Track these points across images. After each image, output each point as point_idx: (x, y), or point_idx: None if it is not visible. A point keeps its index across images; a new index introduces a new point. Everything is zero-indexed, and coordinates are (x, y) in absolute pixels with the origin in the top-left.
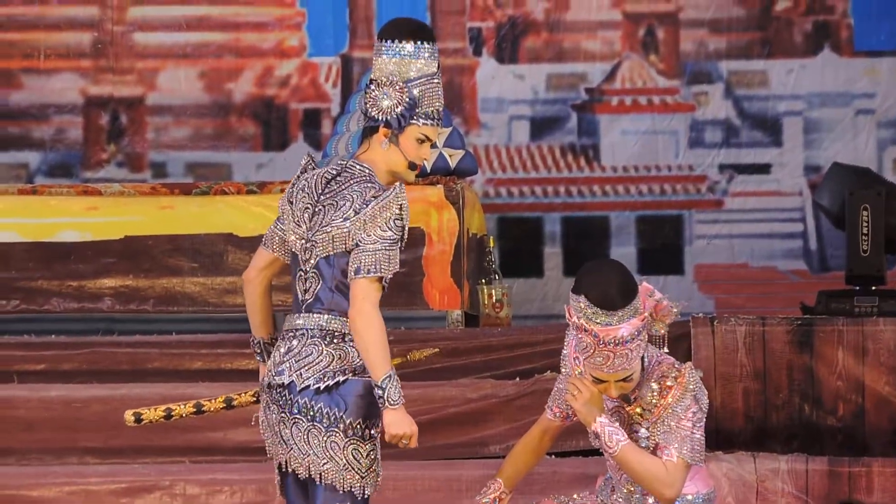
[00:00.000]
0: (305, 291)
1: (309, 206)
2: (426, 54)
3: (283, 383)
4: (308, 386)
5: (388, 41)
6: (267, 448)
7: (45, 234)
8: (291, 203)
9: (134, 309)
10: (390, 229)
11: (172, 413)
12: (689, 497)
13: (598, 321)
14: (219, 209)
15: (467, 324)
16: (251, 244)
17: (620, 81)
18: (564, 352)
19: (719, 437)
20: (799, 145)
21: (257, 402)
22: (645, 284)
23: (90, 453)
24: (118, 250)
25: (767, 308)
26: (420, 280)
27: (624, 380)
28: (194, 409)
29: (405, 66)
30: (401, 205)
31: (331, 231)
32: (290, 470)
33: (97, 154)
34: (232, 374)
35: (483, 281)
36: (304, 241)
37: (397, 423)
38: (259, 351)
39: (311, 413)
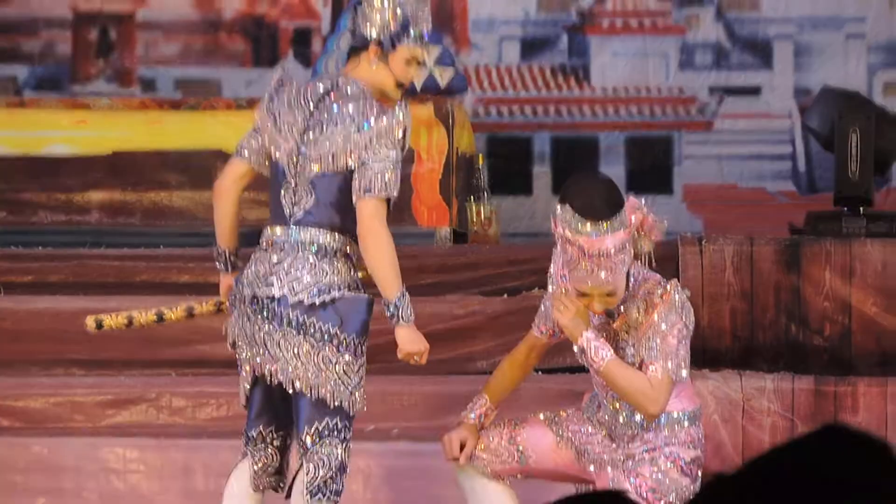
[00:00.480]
0: (294, 205)
1: (299, 120)
2: None
3: (272, 296)
4: (301, 300)
5: None
6: (239, 357)
7: (33, 148)
8: (275, 116)
9: (122, 222)
10: (395, 149)
11: (133, 320)
12: (675, 414)
13: (583, 231)
14: (208, 125)
15: (456, 241)
16: None
17: (611, 3)
18: (551, 270)
19: (706, 356)
20: (789, 68)
21: (219, 311)
22: (632, 199)
23: (76, 365)
24: (106, 164)
25: (756, 228)
26: (409, 197)
27: (608, 294)
28: (155, 318)
29: None
30: (405, 125)
31: (330, 147)
32: (273, 381)
33: (86, 69)
34: (217, 284)
35: (472, 199)
36: (294, 155)
37: (411, 340)
38: (223, 261)
39: (304, 327)
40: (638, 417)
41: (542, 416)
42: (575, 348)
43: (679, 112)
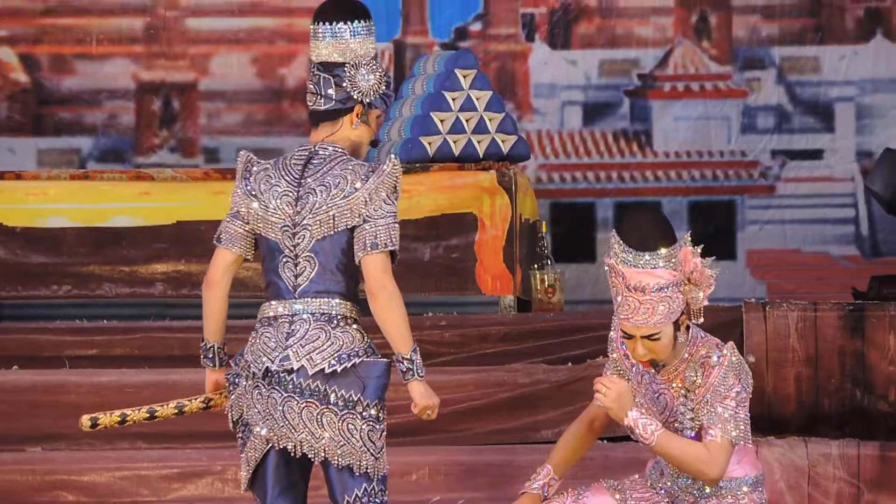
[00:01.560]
0: (297, 276)
1: (288, 192)
2: (373, 33)
3: (291, 368)
4: (322, 370)
5: (341, 22)
6: (244, 437)
7: (97, 220)
8: (257, 196)
9: (186, 294)
10: (392, 203)
11: (127, 418)
12: (736, 480)
13: (626, 261)
14: None
15: (520, 309)
16: None
17: (673, 67)
18: (611, 335)
19: (771, 423)
20: (851, 131)
21: (207, 408)
22: (690, 247)
23: (142, 438)
24: (170, 235)
25: (819, 293)
26: (472, 265)
27: (650, 338)
28: (147, 415)
29: (367, 45)
30: (397, 178)
31: (330, 211)
32: (296, 454)
33: (149, 139)
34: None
35: (535, 266)
36: (289, 228)
37: (425, 394)
38: (212, 357)
39: (326, 396)
40: (699, 483)
41: (605, 484)
42: (624, 427)
43: (742, 176)
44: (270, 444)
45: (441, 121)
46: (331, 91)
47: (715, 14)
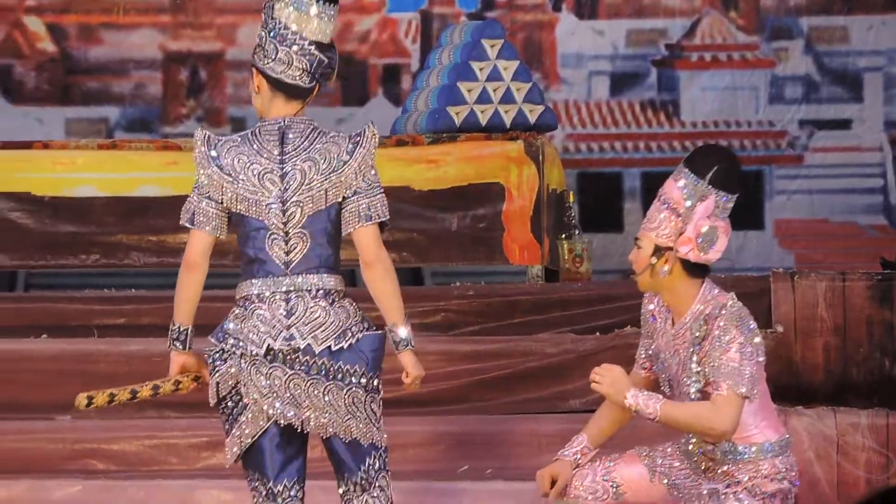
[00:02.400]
0: (288, 252)
1: (270, 169)
2: None
3: (297, 347)
4: (329, 347)
5: (333, 4)
6: (236, 413)
7: (124, 189)
8: (233, 175)
9: (213, 263)
10: (377, 172)
11: (114, 398)
12: (756, 447)
13: (676, 170)
14: None
15: (547, 279)
16: None
17: (700, 37)
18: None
19: (800, 392)
20: (879, 101)
21: (176, 390)
22: (715, 204)
23: (170, 407)
24: None
25: (847, 263)
26: (500, 235)
27: (636, 242)
28: (130, 395)
29: (330, 26)
30: (376, 145)
31: (323, 186)
32: (303, 430)
33: (176, 109)
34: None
35: (563, 236)
36: (277, 205)
37: (416, 363)
38: (184, 339)
39: (331, 372)
40: (719, 450)
41: (636, 452)
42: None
43: (769, 146)
44: (271, 421)
45: (468, 91)
46: (319, 72)
47: None
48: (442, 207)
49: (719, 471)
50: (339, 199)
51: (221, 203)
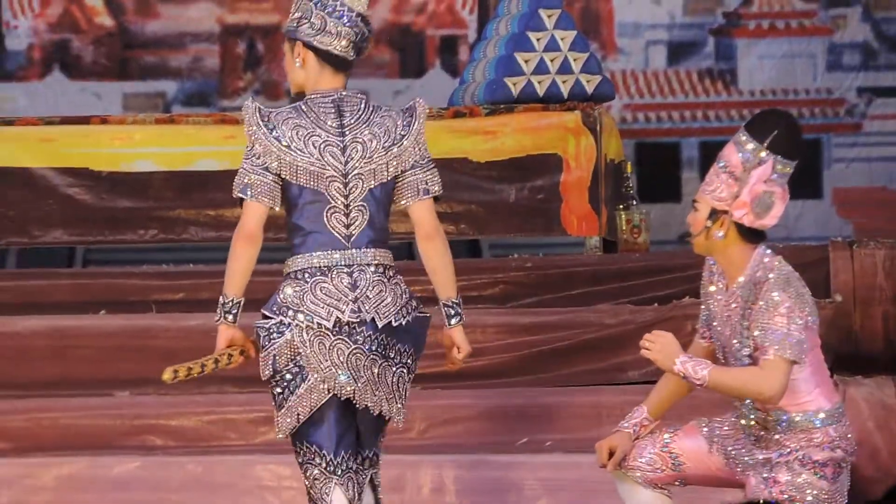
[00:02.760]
0: (349, 226)
1: (331, 142)
2: None
3: (363, 320)
4: (389, 323)
5: None
6: (296, 383)
7: (182, 163)
8: (291, 147)
9: (272, 237)
10: (426, 144)
11: (191, 371)
12: (807, 415)
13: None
14: None
15: (605, 249)
16: None
17: (757, 5)
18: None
19: (858, 361)
20: None
21: (228, 364)
22: (772, 169)
23: (229, 382)
24: None
25: None
26: (558, 206)
27: (694, 203)
28: (213, 365)
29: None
30: (425, 119)
31: (383, 160)
32: (360, 404)
33: (234, 82)
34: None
35: (621, 206)
36: (338, 178)
37: (466, 339)
38: (235, 313)
39: (386, 349)
40: (770, 419)
41: (696, 423)
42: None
43: (827, 114)
44: (330, 394)
45: (525, 61)
46: (362, 44)
47: None
48: (500, 179)
49: (772, 440)
50: (398, 173)
51: (278, 175)
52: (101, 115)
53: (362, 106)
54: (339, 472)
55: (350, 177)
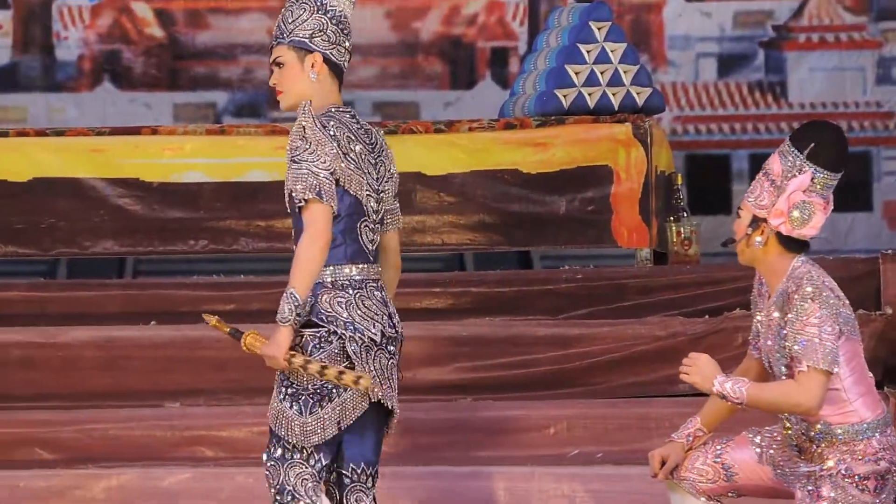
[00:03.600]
0: (372, 241)
1: (368, 156)
2: None
3: (399, 331)
4: (403, 334)
5: None
6: (371, 391)
7: (233, 174)
8: (348, 155)
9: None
10: None
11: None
12: (852, 424)
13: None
14: (407, 148)
15: (656, 261)
16: (439, 183)
17: (808, 18)
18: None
19: None
20: None
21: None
22: (811, 180)
23: None
24: None
25: None
26: (608, 218)
27: (738, 210)
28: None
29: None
30: None
31: (395, 179)
32: (392, 409)
33: None
34: (421, 312)
35: (671, 218)
36: (373, 192)
37: None
38: (300, 314)
39: (399, 360)
40: (813, 431)
41: (747, 434)
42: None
43: (877, 127)
44: (370, 404)
45: (576, 73)
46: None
47: None
48: (550, 190)
49: (816, 452)
50: (391, 197)
51: (338, 180)
52: (152, 126)
53: (365, 124)
54: (367, 480)
55: (380, 192)
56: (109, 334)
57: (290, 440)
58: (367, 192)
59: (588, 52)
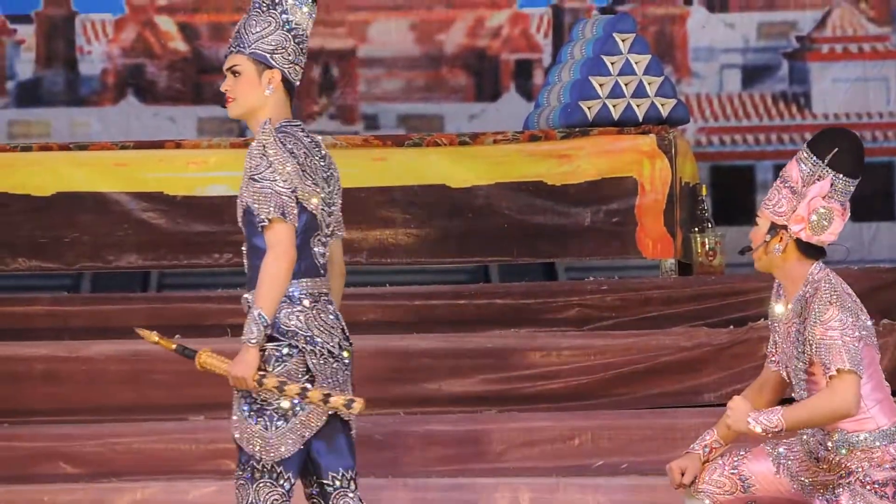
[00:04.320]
0: (323, 255)
1: (321, 171)
2: None
3: (351, 343)
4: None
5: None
6: (316, 411)
7: None
8: (307, 171)
9: (347, 261)
10: None
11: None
12: (869, 433)
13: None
14: (431, 161)
15: (680, 272)
16: (464, 196)
17: (831, 29)
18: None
19: None
20: None
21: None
22: (831, 187)
23: None
24: None
25: None
26: (633, 229)
27: (756, 218)
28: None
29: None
30: None
31: (340, 188)
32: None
33: (309, 107)
34: (445, 325)
35: (696, 229)
36: (326, 207)
37: None
38: (267, 333)
39: (351, 371)
40: (831, 440)
41: (764, 445)
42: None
43: None
44: (329, 416)
45: (600, 85)
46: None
47: None
48: (575, 202)
49: (834, 461)
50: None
51: (297, 199)
52: (176, 140)
53: (314, 137)
54: (331, 491)
55: (332, 206)
56: (133, 348)
57: (258, 457)
58: (322, 208)
59: (612, 63)
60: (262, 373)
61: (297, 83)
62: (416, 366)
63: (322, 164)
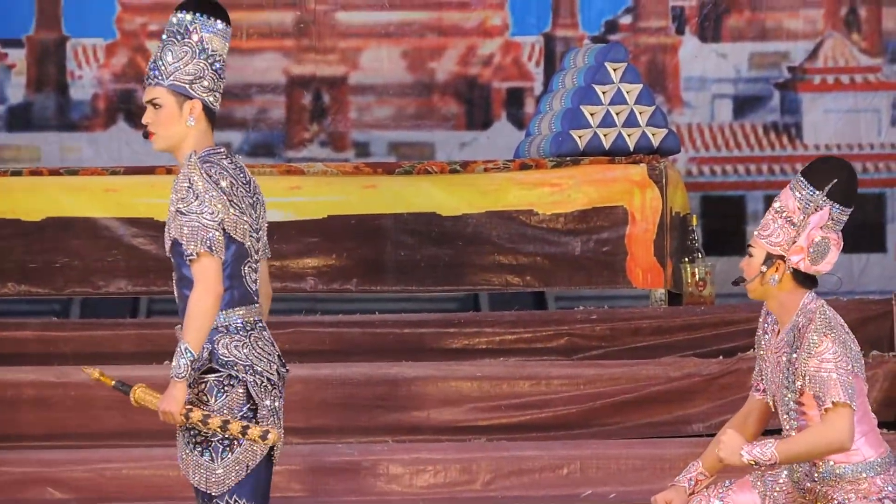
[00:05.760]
0: (255, 281)
1: (247, 197)
2: None
3: (287, 370)
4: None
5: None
6: (279, 435)
7: None
8: (233, 201)
9: (337, 288)
10: None
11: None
12: (856, 464)
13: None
14: (422, 188)
15: (670, 302)
16: (454, 223)
17: (823, 60)
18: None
19: None
20: None
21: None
22: (828, 218)
23: (291, 433)
24: (321, 230)
25: None
26: (623, 258)
27: (748, 250)
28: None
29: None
30: None
31: (265, 211)
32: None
33: (300, 133)
34: (435, 353)
35: (686, 259)
36: (254, 233)
37: None
38: (195, 368)
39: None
40: (818, 472)
41: (749, 477)
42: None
43: (891, 168)
44: (270, 445)
45: (591, 114)
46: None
47: (865, 6)
48: (566, 231)
49: (820, 492)
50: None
51: (224, 230)
52: (167, 166)
53: (237, 161)
54: None
55: (259, 232)
56: (123, 374)
57: (208, 490)
58: (251, 234)
59: (604, 93)
60: (188, 407)
61: (217, 109)
62: (405, 394)
63: (248, 190)
